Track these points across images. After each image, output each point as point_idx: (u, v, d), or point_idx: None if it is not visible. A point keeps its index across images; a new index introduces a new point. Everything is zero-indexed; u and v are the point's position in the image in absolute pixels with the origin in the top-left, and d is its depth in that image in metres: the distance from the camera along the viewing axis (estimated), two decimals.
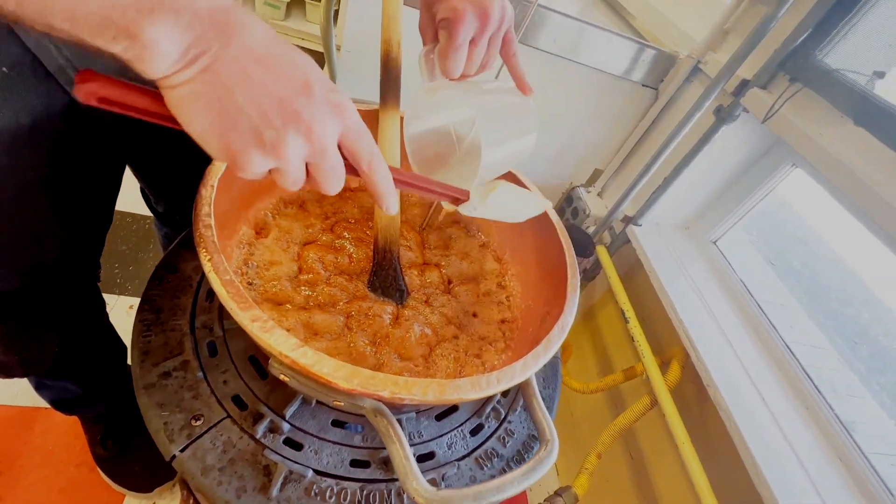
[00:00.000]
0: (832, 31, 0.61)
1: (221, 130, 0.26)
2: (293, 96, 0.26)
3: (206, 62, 0.24)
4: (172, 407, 0.44)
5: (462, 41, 0.41)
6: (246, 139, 0.26)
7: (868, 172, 0.52)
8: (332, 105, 0.28)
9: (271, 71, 0.26)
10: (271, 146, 0.26)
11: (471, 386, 0.37)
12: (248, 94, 0.25)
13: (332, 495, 0.43)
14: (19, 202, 0.47)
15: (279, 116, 0.26)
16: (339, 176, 0.31)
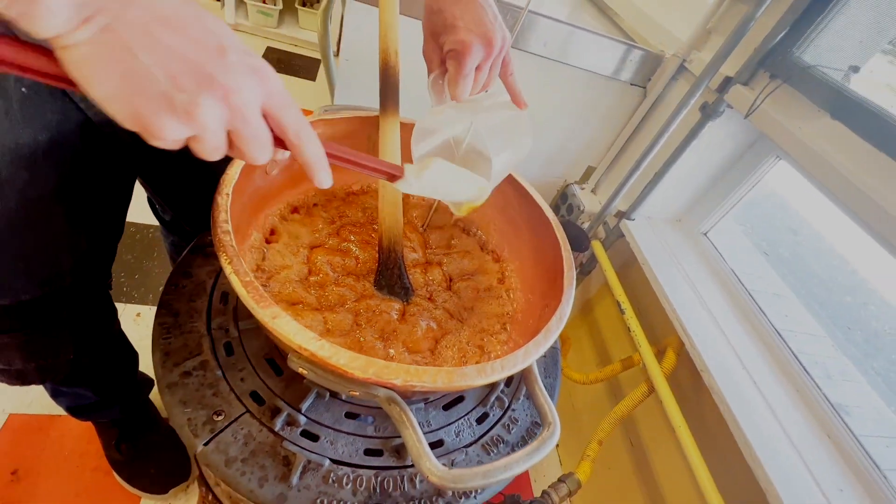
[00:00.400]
0: (808, 29, 0.64)
1: (128, 95, 0.24)
2: (206, 59, 0.25)
3: (104, 21, 0.22)
4: (195, 404, 0.47)
5: (469, 70, 0.45)
6: (156, 104, 0.24)
7: (844, 163, 0.55)
8: (251, 68, 0.27)
9: (180, 33, 0.24)
10: (184, 111, 0.24)
11: (477, 373, 0.39)
12: (155, 55, 0.23)
13: (349, 482, 0.46)
14: (38, 214, 0.49)
15: (191, 79, 0.24)
16: (263, 143, 0.29)
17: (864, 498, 0.59)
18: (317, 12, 2.48)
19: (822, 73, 0.62)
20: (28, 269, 0.50)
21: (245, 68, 0.26)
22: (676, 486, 0.84)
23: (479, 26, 0.45)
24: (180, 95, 0.24)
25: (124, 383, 0.82)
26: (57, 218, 0.51)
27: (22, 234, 0.47)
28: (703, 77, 0.73)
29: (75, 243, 0.54)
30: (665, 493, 0.86)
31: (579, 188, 1.05)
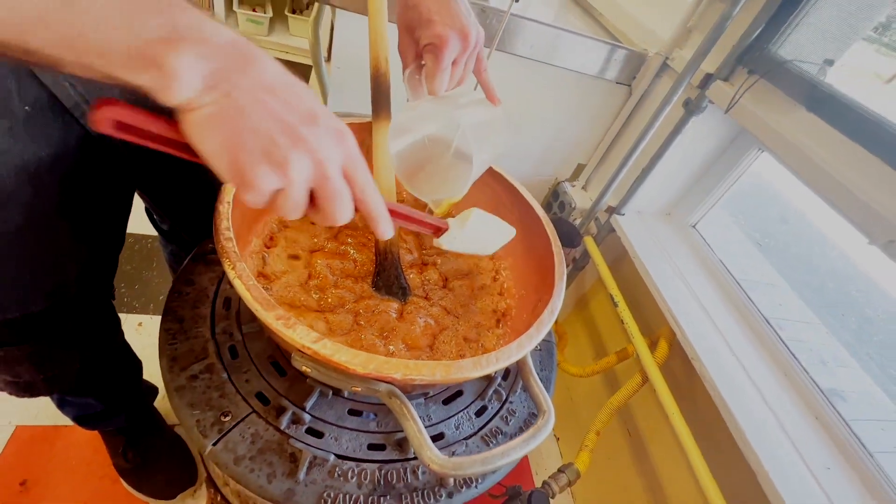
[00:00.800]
0: (783, 26, 0.66)
1: (232, 148, 0.27)
2: (300, 122, 0.28)
3: (225, 88, 0.26)
4: (202, 406, 0.48)
5: (447, 63, 0.46)
6: (255, 157, 0.27)
7: (819, 153, 0.57)
8: (336, 132, 0.30)
9: (281, 99, 0.28)
10: (278, 164, 0.28)
11: (473, 365, 0.41)
12: (259, 117, 0.27)
13: (354, 476, 0.48)
14: (44, 227, 0.50)
15: (287, 138, 0.28)
16: (345, 201, 0.32)
17: (852, 475, 0.61)
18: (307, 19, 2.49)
19: (797, 68, 0.64)
20: (35, 281, 0.52)
21: (331, 131, 0.30)
22: (673, 473, 0.86)
23: (456, 20, 0.45)
24: (277, 151, 0.28)
25: (129, 392, 0.83)
26: (61, 230, 0.52)
27: (28, 247, 0.49)
28: (685, 74, 0.76)
29: (79, 254, 0.56)
30: (663, 480, 0.88)
31: (570, 185, 1.07)
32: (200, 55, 0.25)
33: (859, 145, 0.56)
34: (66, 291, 0.57)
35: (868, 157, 0.55)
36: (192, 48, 0.25)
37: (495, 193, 0.69)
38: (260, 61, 0.28)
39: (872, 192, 0.52)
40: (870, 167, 0.54)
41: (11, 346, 0.55)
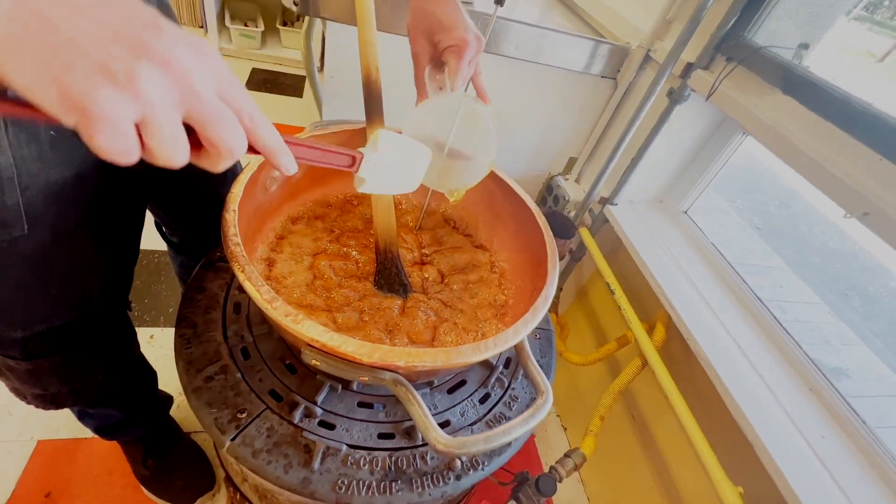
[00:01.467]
0: (756, 13, 0.69)
1: (56, 73, 0.20)
2: (138, 30, 0.21)
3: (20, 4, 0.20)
4: (219, 404, 0.51)
5: (466, 63, 0.50)
6: (90, 77, 0.20)
7: (796, 133, 0.60)
8: (191, 44, 0.23)
9: (105, 6, 0.21)
10: (123, 80, 0.21)
11: (472, 350, 0.44)
12: (79, 27, 0.20)
13: (366, 463, 0.50)
14: (68, 244, 0.53)
15: (125, 46, 0.21)
16: (232, 124, 0.25)
17: (847, 442, 0.64)
18: (298, 31, 2.53)
19: (772, 53, 0.67)
20: (60, 295, 0.55)
21: (185, 42, 0.23)
22: (678, 453, 0.88)
23: (470, 27, 0.51)
24: (115, 63, 0.21)
25: (147, 401, 0.86)
26: (84, 246, 0.55)
27: (54, 262, 0.52)
28: (667, 65, 0.78)
29: (100, 268, 0.59)
30: (668, 461, 0.90)
31: (563, 179, 1.09)
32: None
33: (832, 124, 0.58)
34: (90, 304, 0.60)
35: (841, 135, 0.57)
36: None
37: (489, 190, 0.72)
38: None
39: (846, 167, 0.54)
40: (843, 144, 0.56)
41: (40, 359, 0.58)
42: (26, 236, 0.46)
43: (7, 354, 0.56)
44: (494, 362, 0.64)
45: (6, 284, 0.48)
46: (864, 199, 0.51)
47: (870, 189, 0.52)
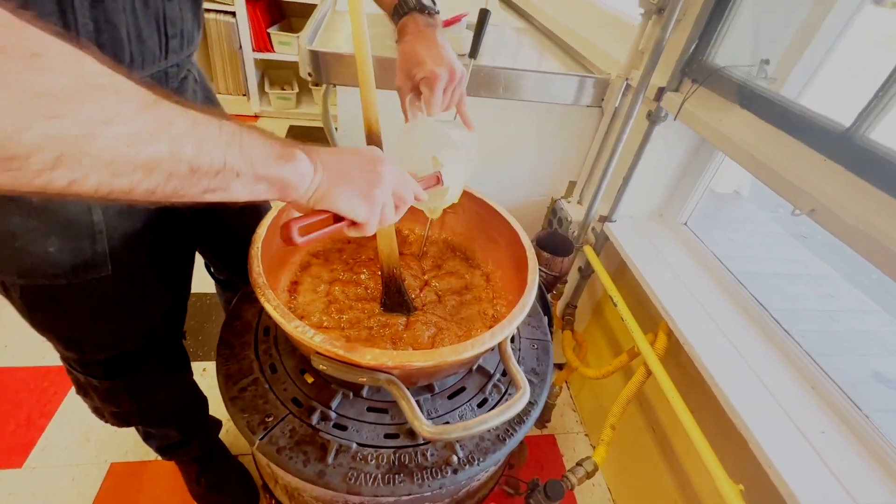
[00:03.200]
0: (712, 39, 0.75)
1: (356, 188, 0.41)
2: (369, 164, 0.43)
3: (326, 170, 0.39)
4: (251, 410, 0.61)
5: (439, 91, 0.59)
6: (368, 187, 0.42)
7: (751, 142, 0.64)
8: (383, 168, 0.44)
9: (358, 156, 0.43)
10: (377, 181, 0.43)
11: (450, 351, 0.51)
12: (361, 181, 0.42)
13: (373, 459, 0.58)
14: (139, 279, 0.65)
15: (372, 169, 0.42)
16: (395, 213, 0.47)
17: (849, 436, 0.64)
18: None
19: (728, 73, 0.73)
20: (133, 323, 0.67)
21: (380, 163, 0.43)
22: (697, 461, 0.88)
23: (443, 60, 0.59)
24: (373, 175, 0.42)
25: (200, 423, 0.98)
26: (150, 282, 0.68)
27: (129, 296, 0.64)
28: (639, 90, 0.85)
29: (163, 301, 0.71)
30: (688, 469, 0.90)
31: (566, 202, 1.16)
32: (312, 161, 0.38)
33: (783, 131, 0.62)
34: (156, 331, 0.72)
35: (790, 140, 0.61)
36: (306, 156, 0.37)
37: (481, 216, 0.80)
38: (340, 152, 0.42)
39: (795, 170, 0.58)
40: (792, 148, 0.61)
41: (117, 379, 0.70)
42: (110, 276, 0.59)
43: (92, 374, 0.69)
44: (492, 371, 0.70)
45: (95, 315, 0.62)
46: (811, 197, 0.55)
47: (816, 187, 0.55)
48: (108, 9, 0.41)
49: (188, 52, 0.56)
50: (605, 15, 1.15)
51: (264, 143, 0.34)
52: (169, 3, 0.48)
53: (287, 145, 0.36)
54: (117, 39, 0.43)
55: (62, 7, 0.38)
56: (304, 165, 0.37)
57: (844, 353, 1.88)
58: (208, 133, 0.29)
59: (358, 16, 0.64)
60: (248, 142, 0.32)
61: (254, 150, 0.33)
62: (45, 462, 1.07)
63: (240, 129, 0.32)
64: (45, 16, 0.37)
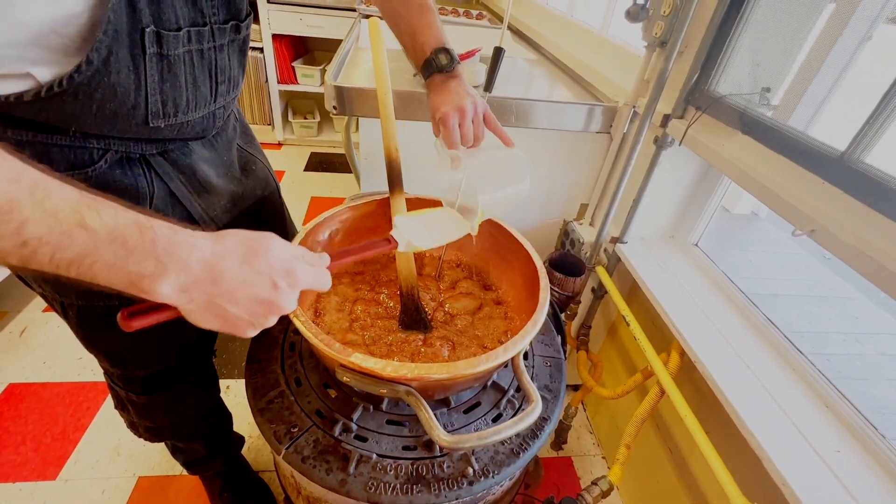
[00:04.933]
0: (713, 69, 0.80)
1: (224, 326, 0.40)
2: (267, 294, 0.39)
3: (202, 297, 0.36)
4: (277, 422, 0.64)
5: (452, 127, 0.64)
6: (244, 328, 0.40)
7: (753, 166, 0.67)
8: (292, 286, 0.41)
9: (251, 287, 0.38)
10: (261, 325, 0.42)
11: (466, 364, 0.54)
12: (239, 307, 0.38)
13: (392, 469, 0.60)
14: None
15: (263, 309, 0.40)
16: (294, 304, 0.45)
17: (865, 456, 0.64)
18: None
19: (730, 101, 0.76)
20: (171, 341, 0.73)
21: (290, 288, 0.41)
22: (714, 482, 0.87)
23: (452, 101, 0.65)
24: (259, 319, 0.41)
25: (225, 438, 1.02)
26: None
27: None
28: (645, 117, 0.90)
29: None
30: (704, 491, 0.89)
31: (577, 224, 1.19)
32: (178, 281, 0.35)
33: (782, 156, 0.65)
34: (190, 349, 0.77)
35: (789, 164, 0.64)
36: (173, 278, 0.35)
37: (495, 238, 0.84)
38: (225, 273, 0.37)
39: (795, 192, 0.61)
40: (792, 172, 0.63)
41: (153, 394, 0.75)
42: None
43: (132, 390, 0.74)
44: (506, 387, 0.73)
45: (137, 333, 0.67)
46: (811, 218, 0.57)
47: (815, 209, 0.58)
48: (171, 62, 0.48)
49: (234, 95, 0.63)
50: (612, 47, 1.21)
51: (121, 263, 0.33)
52: (220, 54, 0.55)
53: (149, 271, 0.34)
54: (177, 87, 0.50)
55: (135, 62, 0.44)
56: (168, 293, 0.36)
57: (872, 378, 1.83)
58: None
59: (379, 55, 0.70)
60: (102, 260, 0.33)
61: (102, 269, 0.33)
62: (78, 474, 1.12)
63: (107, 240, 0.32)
64: (122, 69, 0.44)
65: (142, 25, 0.44)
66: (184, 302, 0.37)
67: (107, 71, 0.43)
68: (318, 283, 0.45)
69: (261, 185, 0.79)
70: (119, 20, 0.41)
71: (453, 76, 0.68)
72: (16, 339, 1.45)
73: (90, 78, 0.42)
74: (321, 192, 2.51)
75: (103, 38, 0.41)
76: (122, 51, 0.43)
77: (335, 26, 2.51)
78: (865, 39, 0.61)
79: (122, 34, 0.42)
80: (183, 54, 0.49)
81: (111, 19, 0.40)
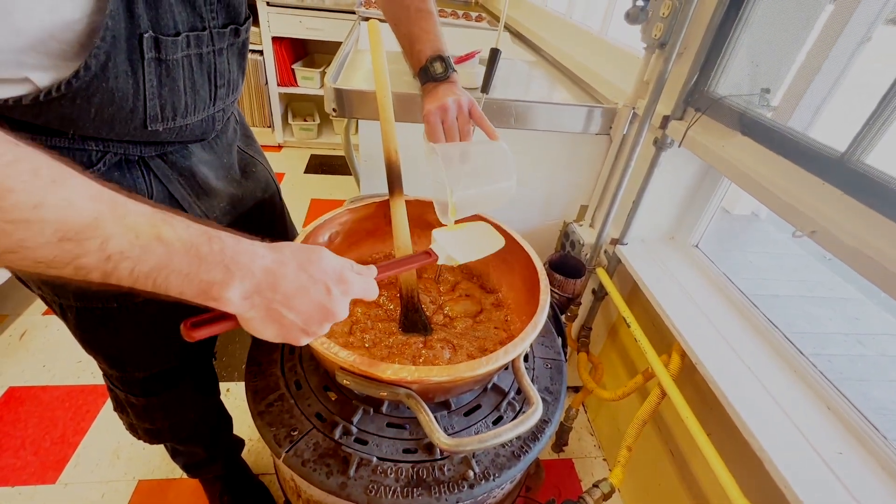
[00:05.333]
0: (712, 71, 0.80)
1: (280, 334, 0.40)
2: (323, 300, 0.40)
3: (262, 301, 0.37)
4: (277, 425, 0.64)
5: (433, 123, 0.66)
6: (297, 335, 0.41)
7: (753, 167, 0.67)
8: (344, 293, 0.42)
9: (308, 293, 0.39)
10: (316, 333, 0.42)
11: (466, 367, 0.54)
12: (295, 313, 0.39)
13: (392, 472, 0.60)
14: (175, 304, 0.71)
15: (318, 316, 0.40)
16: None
17: (867, 458, 0.64)
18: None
19: (730, 102, 0.76)
20: (170, 343, 0.72)
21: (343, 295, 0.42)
22: (715, 484, 0.87)
23: (436, 101, 0.67)
24: (313, 327, 0.41)
25: (225, 441, 1.01)
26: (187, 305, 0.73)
27: (166, 317, 0.69)
28: (645, 119, 0.90)
29: None
30: (706, 493, 0.89)
31: (577, 226, 1.19)
32: (243, 287, 0.36)
33: (782, 156, 0.65)
34: (188, 351, 0.77)
35: (789, 165, 0.64)
36: (238, 284, 0.36)
37: None
38: (284, 279, 0.38)
39: (795, 193, 0.61)
40: (792, 172, 0.63)
41: (152, 396, 0.75)
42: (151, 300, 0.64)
43: (131, 392, 0.74)
44: (507, 389, 0.73)
45: (138, 335, 0.67)
46: (811, 220, 0.57)
47: (816, 210, 0.58)
48: (170, 66, 0.48)
49: (233, 98, 0.63)
50: (611, 48, 1.21)
51: (194, 273, 0.34)
52: (219, 58, 0.55)
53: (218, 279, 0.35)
54: (176, 91, 0.50)
55: (134, 67, 0.44)
56: (235, 301, 0.37)
57: (874, 379, 1.82)
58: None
59: (379, 57, 0.70)
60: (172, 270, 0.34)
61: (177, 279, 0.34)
62: (78, 478, 1.12)
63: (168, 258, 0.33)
64: (120, 74, 0.44)
65: (140, 31, 0.44)
66: (246, 308, 0.38)
67: (105, 76, 0.43)
68: (367, 292, 0.46)
69: (261, 187, 0.79)
70: (117, 26, 0.42)
71: (447, 82, 0.69)
72: (16, 342, 1.45)
73: (88, 83, 0.42)
74: (321, 195, 2.51)
75: (101, 44, 0.41)
76: (121, 56, 0.43)
77: (334, 29, 2.52)
78: (865, 41, 0.61)
79: (121, 40, 0.42)
80: (182, 59, 0.49)
81: (109, 25, 0.41)
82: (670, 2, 0.81)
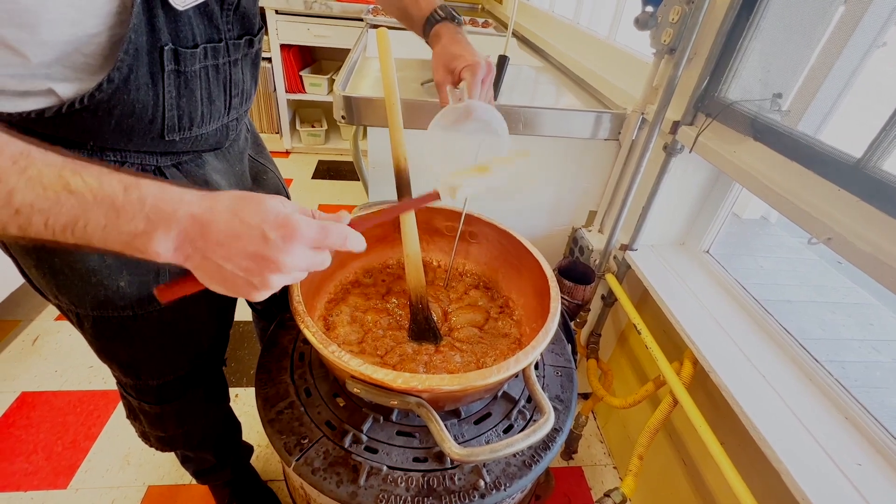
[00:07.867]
0: (723, 75, 0.79)
1: (228, 288, 0.38)
2: (258, 247, 0.37)
3: (193, 251, 0.36)
4: (287, 433, 0.64)
5: (479, 78, 0.63)
6: (245, 288, 0.38)
7: (765, 173, 0.66)
8: (285, 238, 0.37)
9: (240, 240, 0.36)
10: (262, 285, 0.38)
11: (478, 376, 0.54)
12: (232, 263, 0.37)
13: (403, 482, 0.60)
14: (190, 311, 0.70)
15: (257, 266, 0.37)
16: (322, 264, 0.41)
17: (887, 469, 0.62)
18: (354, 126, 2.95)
19: (741, 107, 0.76)
20: (183, 350, 0.73)
21: (281, 240, 0.37)
22: (729, 494, 0.86)
23: (478, 55, 0.64)
24: (256, 278, 0.38)
25: (234, 448, 1.02)
26: (199, 312, 0.73)
27: (181, 325, 0.70)
28: (654, 124, 0.89)
29: (210, 329, 0.77)
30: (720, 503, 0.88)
31: (586, 231, 1.19)
32: (169, 237, 0.35)
33: (797, 162, 0.64)
34: (201, 358, 0.77)
35: (804, 171, 0.63)
36: (163, 234, 0.34)
37: (505, 247, 0.84)
38: (214, 225, 0.36)
39: (810, 200, 0.60)
40: (806, 179, 0.62)
41: (166, 404, 0.75)
42: (169, 307, 0.65)
43: (144, 399, 0.74)
44: (517, 397, 0.72)
45: (152, 343, 0.67)
46: (826, 226, 0.56)
47: (831, 216, 0.57)
48: (188, 78, 0.48)
49: (246, 107, 0.64)
50: (619, 53, 1.20)
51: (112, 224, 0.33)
52: (234, 69, 0.55)
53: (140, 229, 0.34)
54: (193, 101, 0.50)
55: (154, 79, 0.45)
56: (162, 251, 0.35)
57: (890, 386, 1.79)
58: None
59: (388, 65, 0.70)
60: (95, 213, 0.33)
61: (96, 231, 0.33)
62: (89, 483, 1.12)
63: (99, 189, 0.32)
64: (141, 86, 0.44)
65: (160, 44, 0.45)
66: (181, 260, 0.36)
67: (127, 88, 0.43)
68: (336, 238, 0.41)
69: (272, 194, 0.80)
70: (139, 39, 0.42)
71: (462, 32, 0.67)
72: (28, 347, 1.46)
73: (111, 95, 0.43)
74: (329, 200, 2.52)
75: (125, 56, 0.42)
76: (142, 69, 0.44)
77: (342, 36, 2.54)
78: (879, 45, 0.60)
79: (142, 53, 0.43)
80: (199, 70, 0.50)
81: (132, 39, 0.41)
82: (679, 7, 0.80)
